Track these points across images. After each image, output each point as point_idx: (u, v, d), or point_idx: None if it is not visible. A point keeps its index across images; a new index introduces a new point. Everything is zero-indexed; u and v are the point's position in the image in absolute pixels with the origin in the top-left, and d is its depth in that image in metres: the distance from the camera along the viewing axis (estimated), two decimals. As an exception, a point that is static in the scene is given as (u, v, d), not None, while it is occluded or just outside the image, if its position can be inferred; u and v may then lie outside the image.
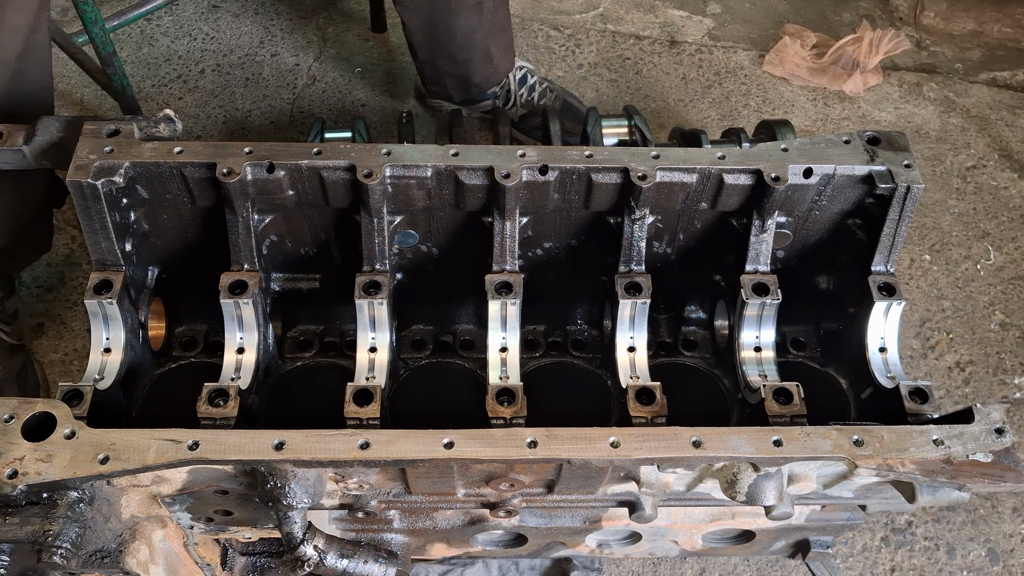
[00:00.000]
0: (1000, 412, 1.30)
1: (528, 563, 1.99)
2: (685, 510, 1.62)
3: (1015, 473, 1.27)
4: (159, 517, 1.41)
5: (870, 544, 2.14)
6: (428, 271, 1.71)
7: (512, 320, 1.52)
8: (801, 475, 1.37)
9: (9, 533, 1.17)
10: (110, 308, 1.48)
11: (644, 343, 1.57)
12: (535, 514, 1.60)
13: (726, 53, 3.20)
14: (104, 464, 1.19)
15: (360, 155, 1.49)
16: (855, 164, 1.53)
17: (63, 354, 2.33)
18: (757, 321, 1.59)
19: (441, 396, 1.73)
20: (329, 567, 1.44)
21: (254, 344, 1.54)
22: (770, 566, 2.09)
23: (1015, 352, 2.47)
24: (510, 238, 1.56)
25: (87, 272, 2.18)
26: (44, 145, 1.51)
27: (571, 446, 1.23)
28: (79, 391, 1.39)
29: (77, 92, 2.91)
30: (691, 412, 1.38)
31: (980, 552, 2.15)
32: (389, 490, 1.44)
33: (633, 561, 2.07)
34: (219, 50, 3.06)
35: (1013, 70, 3.21)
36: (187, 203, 1.55)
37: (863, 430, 1.27)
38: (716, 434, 1.25)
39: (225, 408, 1.40)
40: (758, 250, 1.59)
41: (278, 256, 1.67)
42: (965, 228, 2.74)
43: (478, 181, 1.51)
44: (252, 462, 1.22)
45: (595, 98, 2.98)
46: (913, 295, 2.56)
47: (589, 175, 1.52)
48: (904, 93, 3.11)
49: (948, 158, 2.92)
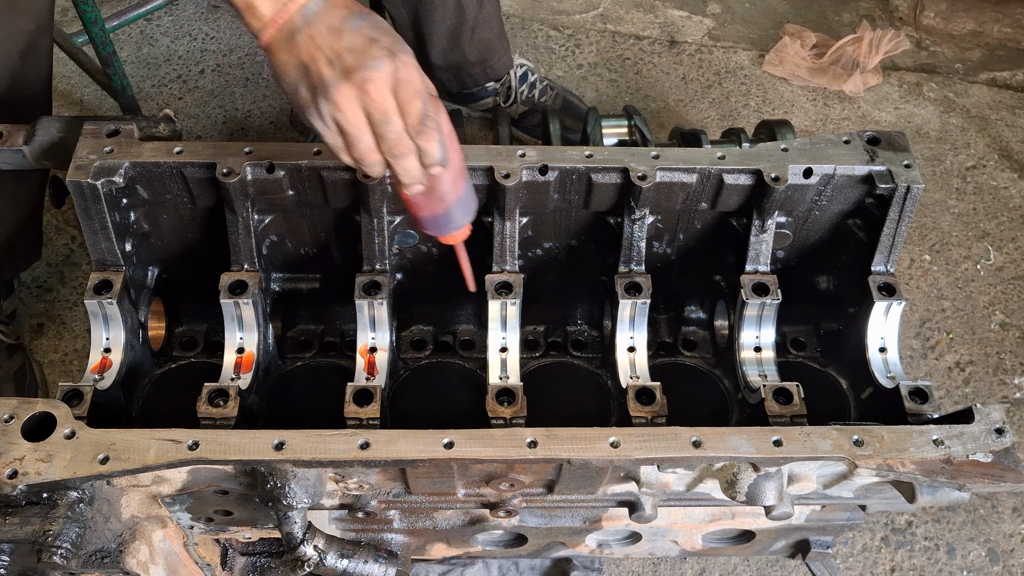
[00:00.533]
0: (1000, 412, 1.30)
1: (528, 563, 1.99)
2: (685, 510, 1.62)
3: (1015, 473, 1.27)
4: (159, 517, 1.41)
5: (870, 544, 2.14)
6: (428, 271, 1.71)
7: (512, 320, 1.52)
8: (801, 475, 1.37)
9: (9, 533, 1.17)
10: (110, 308, 1.48)
11: (644, 343, 1.57)
12: (535, 514, 1.60)
13: (726, 53, 3.20)
14: (104, 464, 1.19)
15: (360, 155, 1.49)
16: (855, 164, 1.53)
17: (63, 354, 2.33)
18: (757, 321, 1.59)
19: (441, 396, 1.73)
20: (329, 567, 1.44)
21: (254, 344, 1.54)
22: (770, 566, 2.09)
23: (1015, 352, 2.48)
24: (510, 238, 1.56)
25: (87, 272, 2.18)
26: (44, 145, 1.51)
27: (571, 446, 1.24)
28: (79, 391, 1.39)
29: (77, 92, 2.91)
30: (691, 412, 1.38)
31: (980, 552, 2.15)
32: (389, 490, 1.44)
33: (633, 561, 2.08)
34: (219, 50, 3.06)
35: (1013, 70, 3.21)
36: (187, 203, 1.55)
37: (863, 430, 1.27)
38: (716, 434, 1.25)
39: (225, 408, 1.40)
40: (758, 250, 1.59)
41: (278, 256, 1.67)
42: (965, 228, 2.74)
43: (478, 181, 1.51)
44: (252, 462, 1.22)
45: (595, 98, 2.98)
46: (913, 295, 2.56)
47: (589, 175, 1.52)
48: (904, 93, 3.11)
49: (948, 158, 2.92)
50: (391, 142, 1.17)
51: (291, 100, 1.20)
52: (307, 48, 1.15)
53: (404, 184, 1.25)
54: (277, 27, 1.16)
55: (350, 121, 1.16)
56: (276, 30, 1.16)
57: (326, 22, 1.15)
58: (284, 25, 1.16)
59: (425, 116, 1.17)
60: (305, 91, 1.16)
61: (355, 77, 1.13)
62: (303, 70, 1.16)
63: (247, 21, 1.18)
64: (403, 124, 1.17)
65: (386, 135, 1.17)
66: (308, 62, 1.15)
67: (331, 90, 1.14)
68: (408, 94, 1.16)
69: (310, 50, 1.14)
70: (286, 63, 1.16)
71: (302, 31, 1.15)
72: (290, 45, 1.16)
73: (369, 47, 1.14)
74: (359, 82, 1.13)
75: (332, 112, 1.15)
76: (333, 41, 1.14)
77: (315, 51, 1.14)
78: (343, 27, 1.15)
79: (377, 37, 1.15)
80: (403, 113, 1.16)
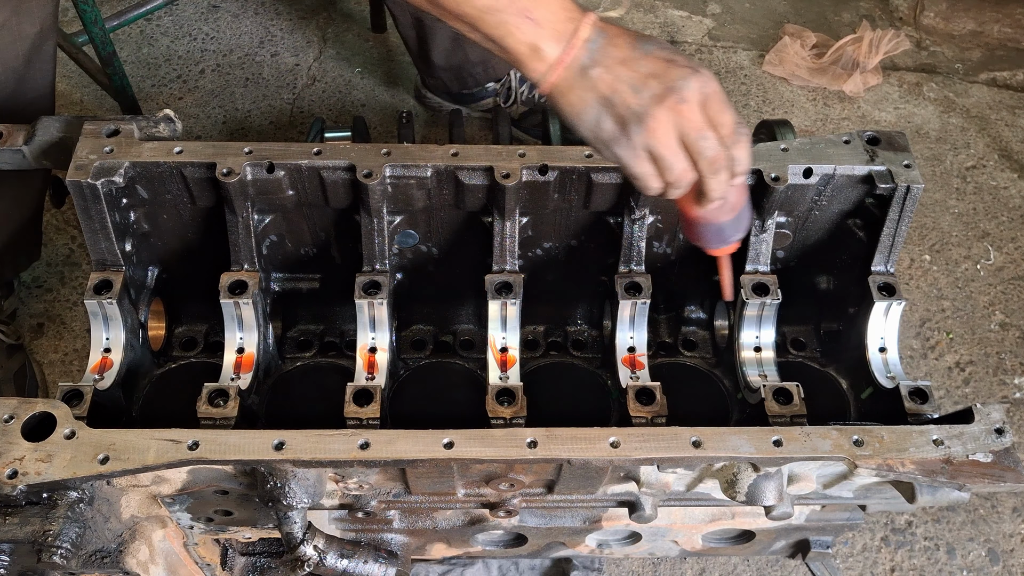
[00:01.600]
0: (1000, 412, 1.30)
1: (528, 563, 1.99)
2: (685, 510, 1.62)
3: (1015, 473, 1.27)
4: (159, 517, 1.41)
5: (870, 544, 2.14)
6: (428, 271, 1.71)
7: (512, 320, 1.52)
8: (801, 475, 1.37)
9: (9, 533, 1.17)
10: (110, 308, 1.48)
11: (644, 343, 1.57)
12: (535, 514, 1.60)
13: (726, 53, 3.20)
14: (104, 464, 1.19)
15: (360, 155, 1.49)
16: (855, 164, 1.53)
17: (63, 354, 2.33)
18: (757, 321, 1.59)
19: (441, 396, 1.73)
20: (329, 567, 1.44)
21: (254, 344, 1.54)
22: (770, 566, 2.09)
23: (1015, 352, 2.48)
24: (510, 238, 1.56)
25: (87, 272, 2.18)
26: (44, 145, 1.51)
27: (571, 446, 1.24)
28: (79, 391, 1.39)
29: (77, 92, 2.91)
30: (691, 412, 1.38)
31: (980, 552, 2.15)
32: (389, 490, 1.44)
33: (633, 561, 2.08)
34: (219, 50, 3.06)
35: (1013, 70, 3.21)
36: (187, 203, 1.55)
37: (863, 430, 1.27)
38: (716, 434, 1.25)
39: (225, 408, 1.40)
40: (758, 250, 1.59)
41: (278, 256, 1.67)
42: (965, 228, 2.74)
43: (478, 181, 1.51)
44: (252, 462, 1.22)
45: (595, 98, 2.98)
46: (913, 295, 2.56)
47: (589, 175, 1.52)
48: (904, 93, 3.11)
49: (948, 158, 2.92)
50: (710, 158, 1.15)
51: (588, 137, 1.17)
52: (605, 81, 1.12)
53: (712, 199, 1.21)
54: (564, 66, 1.14)
55: (665, 145, 1.13)
56: (563, 69, 1.14)
57: (614, 53, 1.13)
58: (571, 63, 1.13)
59: (738, 124, 1.16)
60: (611, 124, 1.14)
61: (668, 100, 1.11)
62: (605, 104, 1.13)
63: (529, 66, 1.15)
64: (718, 137, 1.15)
65: (704, 152, 1.14)
66: (609, 95, 1.13)
67: (645, 117, 1.12)
68: (718, 106, 1.14)
69: (609, 83, 1.12)
70: (582, 100, 1.14)
71: (592, 66, 1.13)
72: (583, 82, 1.14)
73: (669, 68, 1.12)
74: (673, 104, 1.11)
75: (646, 140, 1.13)
76: (630, 69, 1.12)
77: (615, 83, 1.12)
78: (634, 54, 1.13)
79: (672, 57, 1.14)
80: (715, 125, 1.14)
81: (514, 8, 1.11)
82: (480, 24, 1.13)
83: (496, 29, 1.13)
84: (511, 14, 1.11)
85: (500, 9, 1.11)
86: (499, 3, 1.11)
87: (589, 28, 1.13)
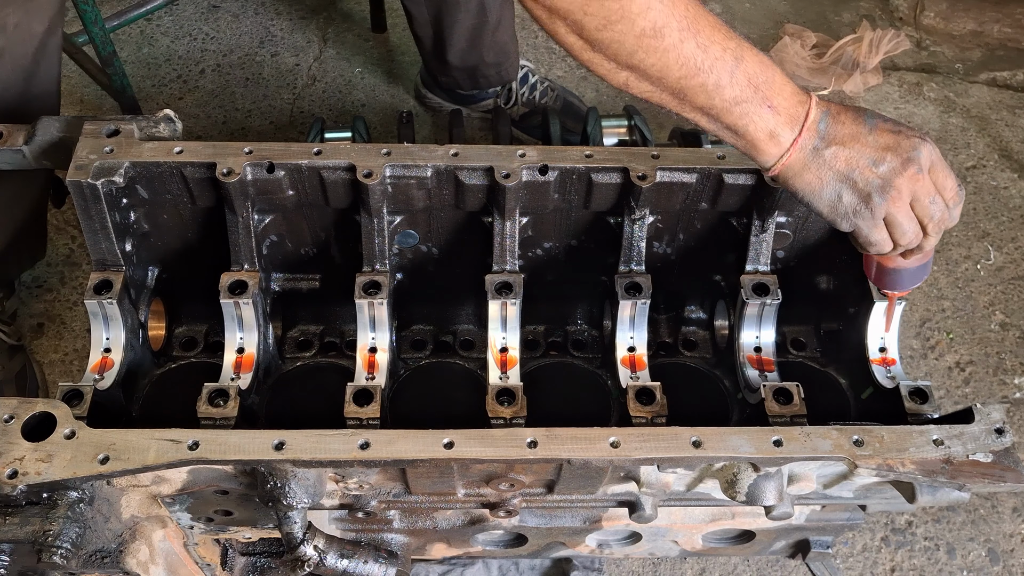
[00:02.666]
0: (1000, 412, 1.30)
1: (528, 563, 1.99)
2: (685, 510, 1.62)
3: (1015, 473, 1.27)
4: (159, 517, 1.41)
5: (870, 544, 2.14)
6: (428, 271, 1.71)
7: (512, 320, 1.52)
8: (801, 475, 1.37)
9: (9, 533, 1.17)
10: (110, 308, 1.48)
11: (644, 343, 1.57)
12: (535, 514, 1.60)
13: (726, 53, 3.19)
14: (104, 464, 1.19)
15: (360, 155, 1.49)
16: (855, 164, 1.53)
17: (63, 354, 2.33)
18: (757, 321, 1.59)
19: (441, 396, 1.73)
20: (329, 567, 1.44)
21: (254, 344, 1.54)
22: (770, 566, 2.09)
23: (1015, 352, 2.48)
24: (510, 238, 1.56)
25: (87, 272, 2.18)
26: (44, 145, 1.51)
27: (571, 446, 1.24)
28: (79, 391, 1.39)
29: (77, 92, 2.91)
30: (691, 412, 1.38)
31: (980, 552, 2.15)
32: (389, 490, 1.44)
33: (633, 561, 2.08)
34: (219, 50, 3.06)
35: (1013, 70, 3.21)
36: (187, 203, 1.55)
37: (863, 430, 1.27)
38: (716, 434, 1.25)
39: (225, 408, 1.40)
40: (758, 250, 1.59)
41: (278, 256, 1.67)
42: (965, 228, 2.74)
43: (478, 181, 1.51)
44: (252, 462, 1.22)
45: (595, 98, 2.98)
46: (913, 295, 2.56)
47: (589, 175, 1.52)
48: (904, 93, 3.11)
49: (948, 158, 2.91)
50: (938, 220, 1.25)
51: (825, 211, 1.25)
52: (841, 159, 1.20)
53: (925, 251, 1.32)
54: (797, 147, 1.21)
55: (902, 211, 1.22)
56: (796, 151, 1.21)
57: (843, 131, 1.21)
58: (803, 145, 1.21)
59: (959, 187, 1.25)
60: (852, 198, 1.22)
61: (908, 171, 1.20)
62: (844, 180, 1.21)
63: (765, 151, 1.22)
64: (943, 200, 1.24)
65: (934, 215, 1.24)
66: (848, 171, 1.21)
67: (888, 189, 1.20)
68: (943, 170, 1.23)
69: (846, 160, 1.20)
70: (820, 179, 1.22)
71: (825, 146, 1.21)
72: (817, 161, 1.21)
73: (900, 140, 1.21)
74: (912, 174, 1.20)
75: (886, 208, 1.22)
76: (864, 145, 1.20)
77: (852, 159, 1.20)
78: (862, 130, 1.21)
79: (897, 128, 1.22)
80: (941, 189, 1.24)
81: (758, 98, 1.18)
82: (724, 115, 1.20)
83: (740, 119, 1.19)
84: (755, 104, 1.18)
85: (746, 100, 1.18)
86: (745, 94, 1.17)
87: (816, 109, 1.21)
